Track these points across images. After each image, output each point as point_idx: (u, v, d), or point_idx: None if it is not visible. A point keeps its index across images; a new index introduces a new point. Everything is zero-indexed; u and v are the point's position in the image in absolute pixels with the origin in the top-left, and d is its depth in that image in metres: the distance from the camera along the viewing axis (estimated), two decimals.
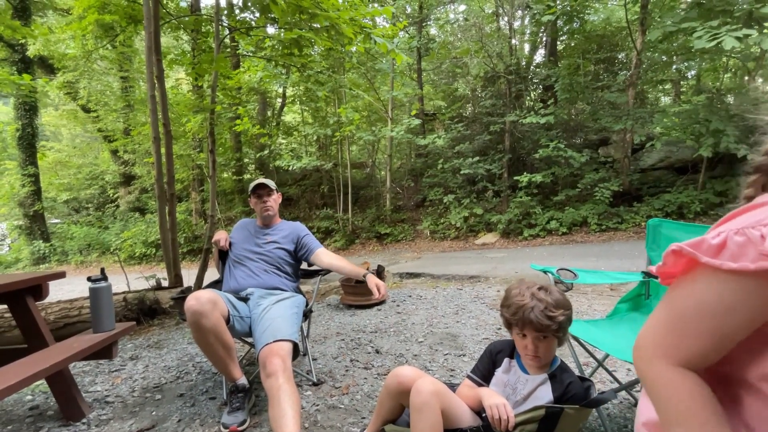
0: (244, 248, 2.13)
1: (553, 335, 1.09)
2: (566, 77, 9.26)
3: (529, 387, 1.14)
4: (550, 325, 1.06)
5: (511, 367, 1.20)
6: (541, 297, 1.09)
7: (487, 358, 1.27)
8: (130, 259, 11.86)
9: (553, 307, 1.07)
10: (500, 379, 1.21)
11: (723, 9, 5.92)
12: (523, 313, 1.09)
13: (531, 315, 1.07)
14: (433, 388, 1.09)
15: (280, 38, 4.51)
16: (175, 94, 9.86)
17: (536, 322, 1.07)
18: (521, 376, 1.17)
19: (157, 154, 3.82)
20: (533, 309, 1.08)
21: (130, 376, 2.27)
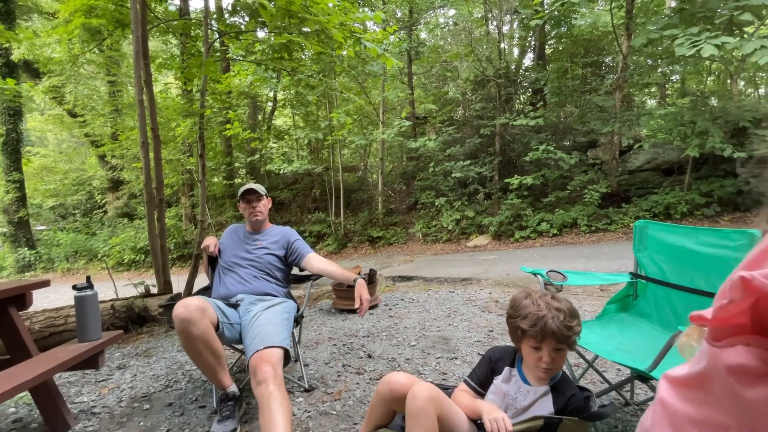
0: (234, 254, 2.11)
1: (569, 346, 1.07)
2: (555, 81, 9.38)
3: (530, 398, 1.11)
4: (570, 336, 1.05)
5: (511, 377, 1.18)
6: (558, 306, 1.07)
7: (485, 365, 1.25)
8: (118, 266, 11.66)
9: (570, 317, 1.06)
10: (500, 389, 1.18)
11: (704, 15, 6.07)
12: (544, 324, 1.05)
13: (552, 325, 1.04)
14: (429, 394, 1.08)
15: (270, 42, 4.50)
16: (163, 99, 9.75)
17: (558, 333, 1.04)
18: (522, 386, 1.14)
19: (145, 159, 3.77)
20: (554, 319, 1.05)
21: (117, 386, 2.22)
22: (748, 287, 0.35)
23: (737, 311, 0.38)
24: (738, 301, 0.37)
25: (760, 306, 0.36)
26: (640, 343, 1.57)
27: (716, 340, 0.39)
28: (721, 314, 0.39)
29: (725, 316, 0.38)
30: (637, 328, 1.72)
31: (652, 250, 1.79)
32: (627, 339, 1.63)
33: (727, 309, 0.38)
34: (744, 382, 0.39)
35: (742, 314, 0.37)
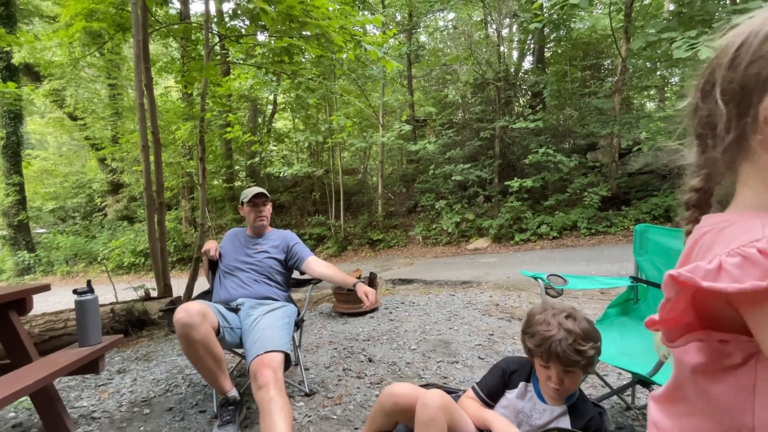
0: (235, 258, 2.11)
1: (586, 370, 1.02)
2: (554, 83, 9.42)
3: (546, 417, 1.07)
4: (579, 360, 0.98)
5: (527, 393, 1.13)
6: (570, 328, 0.99)
7: (498, 376, 1.19)
8: (118, 269, 11.65)
9: (582, 340, 0.98)
10: (513, 405, 1.14)
11: (702, 19, 6.10)
12: (550, 346, 1.00)
13: (558, 348, 0.98)
14: (440, 403, 1.04)
15: (271, 46, 4.52)
16: (164, 102, 9.79)
17: (563, 356, 0.99)
18: (538, 404, 1.10)
19: (145, 162, 3.78)
20: (561, 342, 0.99)
21: (117, 390, 2.21)
22: (677, 283, 0.36)
23: (679, 309, 0.38)
24: (673, 298, 0.38)
25: (698, 300, 0.37)
26: (641, 348, 1.57)
27: (670, 341, 0.40)
28: (664, 315, 0.39)
29: (669, 316, 0.39)
30: (638, 332, 1.72)
31: (652, 253, 1.79)
32: (628, 343, 1.63)
33: (667, 308, 0.38)
34: (709, 379, 0.39)
35: (685, 312, 0.38)
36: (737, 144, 0.39)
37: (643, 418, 1.62)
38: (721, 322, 0.37)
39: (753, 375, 0.35)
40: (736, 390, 0.37)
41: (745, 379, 0.36)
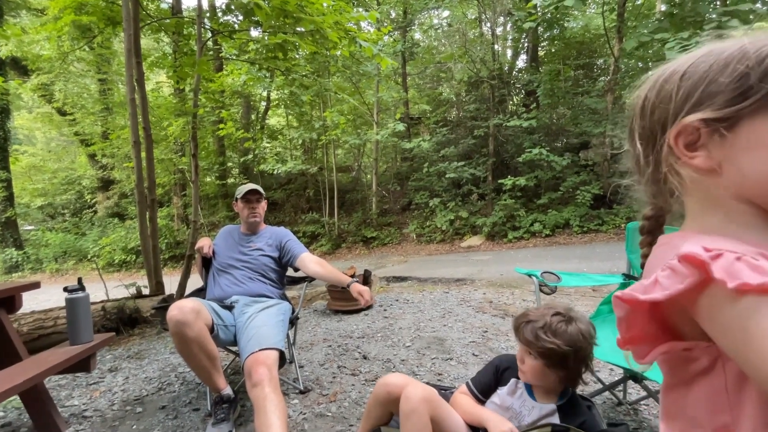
0: (229, 255, 2.10)
1: (540, 358, 1.04)
2: (548, 82, 9.47)
3: (534, 415, 1.09)
4: (534, 343, 1.03)
5: (517, 389, 1.15)
6: (547, 319, 1.04)
7: (491, 373, 1.22)
8: (108, 267, 11.51)
9: (549, 332, 1.02)
10: (504, 401, 1.15)
11: (694, 20, 6.17)
12: (520, 323, 1.08)
13: (524, 328, 1.06)
14: (422, 395, 1.07)
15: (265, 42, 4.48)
16: (155, 97, 9.65)
17: (522, 334, 1.06)
18: (527, 400, 1.12)
19: (137, 159, 3.73)
20: (529, 323, 1.06)
21: (109, 389, 2.19)
22: (622, 302, 0.39)
23: (639, 328, 0.41)
24: (624, 317, 0.41)
25: (657, 316, 0.40)
26: None
27: (640, 358, 0.42)
28: (623, 333, 0.42)
29: (628, 334, 0.42)
30: None
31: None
32: None
33: (623, 327, 0.42)
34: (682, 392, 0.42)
35: (647, 329, 0.41)
36: (654, 175, 0.46)
37: (634, 413, 1.65)
38: (682, 334, 0.40)
39: (723, 376, 0.37)
40: (711, 393, 0.38)
41: (716, 381, 0.38)
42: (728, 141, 0.39)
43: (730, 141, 0.39)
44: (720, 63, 0.39)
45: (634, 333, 0.41)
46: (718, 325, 0.35)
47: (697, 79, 0.40)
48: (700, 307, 0.36)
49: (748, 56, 0.38)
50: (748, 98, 0.37)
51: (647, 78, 0.46)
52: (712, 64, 0.40)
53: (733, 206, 0.41)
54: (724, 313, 0.34)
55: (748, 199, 0.40)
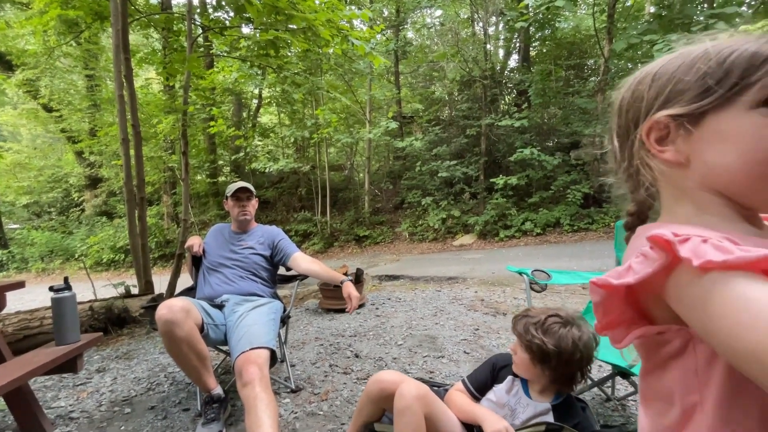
0: (219, 254, 2.08)
1: (528, 352, 1.07)
2: (539, 82, 9.54)
3: (529, 412, 1.10)
4: (522, 335, 1.08)
5: (513, 387, 1.16)
6: (542, 318, 1.07)
7: (488, 371, 1.23)
8: (96, 266, 11.33)
9: (540, 329, 1.06)
10: (500, 398, 1.16)
11: (682, 22, 6.27)
12: (518, 317, 1.13)
13: (519, 321, 1.11)
14: (416, 393, 1.07)
15: (256, 39, 4.43)
16: (145, 94, 9.51)
17: (516, 326, 1.10)
18: (523, 398, 1.13)
19: (126, 156, 3.67)
20: (525, 318, 1.10)
21: (96, 390, 2.16)
22: (598, 287, 0.42)
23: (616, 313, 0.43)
24: (600, 302, 0.43)
25: (632, 301, 0.42)
26: None
27: (617, 342, 0.44)
28: (600, 318, 0.44)
29: (605, 320, 0.44)
30: None
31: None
32: None
33: (600, 312, 0.43)
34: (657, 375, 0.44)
35: (623, 314, 0.43)
36: (629, 170, 0.49)
37: (622, 409, 1.67)
38: (656, 318, 0.42)
39: (694, 357, 0.40)
40: (683, 375, 0.41)
41: (688, 362, 0.40)
42: (694, 136, 0.42)
43: (695, 136, 0.42)
44: (687, 64, 0.43)
45: (611, 318, 0.43)
46: (685, 303, 0.37)
47: (666, 79, 0.44)
48: (669, 289, 0.38)
49: (710, 57, 0.41)
50: (711, 96, 0.40)
51: (626, 80, 0.50)
52: (680, 65, 0.43)
53: (702, 197, 0.43)
54: (690, 290, 0.36)
55: (715, 189, 0.42)
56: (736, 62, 0.40)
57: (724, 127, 0.40)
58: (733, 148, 0.40)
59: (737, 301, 0.32)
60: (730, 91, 0.40)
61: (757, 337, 0.30)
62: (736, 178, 0.41)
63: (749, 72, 0.39)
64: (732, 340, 0.32)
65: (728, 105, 0.40)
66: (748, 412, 0.37)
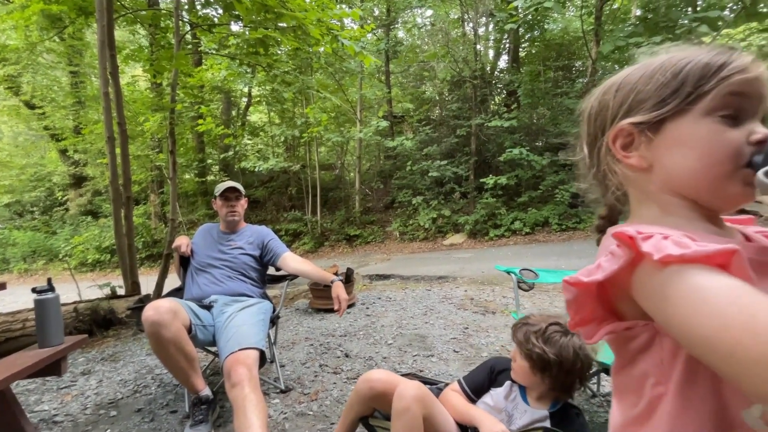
0: (208, 254, 2.06)
1: (526, 360, 1.07)
2: (528, 83, 9.63)
3: (526, 419, 1.10)
4: (523, 344, 1.08)
5: (512, 393, 1.16)
6: (543, 326, 1.07)
7: (486, 373, 1.23)
8: (81, 267, 11.11)
9: (540, 338, 1.06)
10: (497, 402, 1.16)
11: (666, 25, 6.40)
12: (518, 324, 1.13)
13: (520, 329, 1.11)
14: (416, 393, 1.06)
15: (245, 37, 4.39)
16: (131, 91, 9.34)
17: (516, 334, 1.11)
18: (520, 404, 1.13)
19: (111, 155, 3.61)
20: (526, 325, 1.10)
21: (81, 393, 2.12)
22: (570, 285, 0.44)
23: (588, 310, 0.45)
24: (572, 299, 0.44)
25: (603, 299, 0.44)
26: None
27: (589, 338, 0.46)
28: (572, 315, 0.46)
29: (577, 317, 0.46)
30: None
31: None
32: None
33: (572, 309, 0.45)
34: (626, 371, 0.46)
35: (595, 311, 0.45)
36: (597, 175, 0.52)
37: (607, 405, 1.70)
38: (626, 315, 0.44)
39: (660, 351, 0.42)
40: (650, 367, 0.43)
41: (655, 356, 0.42)
42: (655, 142, 0.45)
43: (656, 142, 0.45)
44: (647, 75, 0.45)
45: (583, 315, 0.45)
46: (648, 295, 0.39)
47: (629, 89, 0.47)
48: (634, 284, 0.40)
49: (667, 69, 0.44)
50: (668, 104, 0.43)
51: (594, 90, 0.53)
52: (642, 76, 0.46)
53: (665, 199, 0.46)
54: (651, 283, 0.38)
55: (676, 192, 0.45)
56: (690, 73, 0.42)
57: (682, 133, 0.43)
58: (690, 153, 0.43)
59: (693, 291, 0.34)
60: (686, 100, 0.42)
61: (710, 323, 0.32)
62: (694, 181, 0.43)
63: (702, 82, 0.42)
64: (688, 327, 0.34)
65: (685, 113, 0.43)
66: (704, 398, 0.39)
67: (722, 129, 0.41)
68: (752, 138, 0.41)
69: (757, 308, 0.30)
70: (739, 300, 0.32)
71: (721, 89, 0.41)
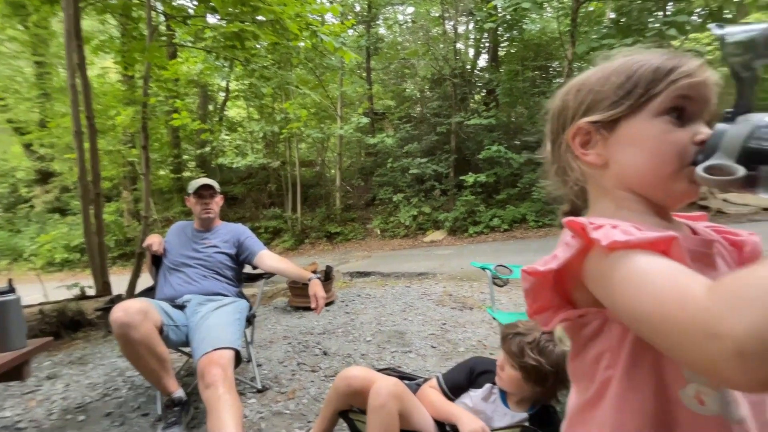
0: (181, 253, 2.01)
1: (520, 371, 1.07)
2: (507, 82, 9.78)
3: (505, 421, 1.11)
4: (518, 356, 1.06)
5: (492, 395, 1.17)
6: (536, 335, 1.07)
7: (466, 373, 1.23)
8: (49, 266, 10.63)
9: (536, 350, 1.05)
10: (476, 404, 1.17)
11: (638, 28, 6.62)
12: (509, 334, 1.10)
13: (512, 340, 1.08)
14: (392, 390, 1.07)
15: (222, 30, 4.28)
16: (101, 84, 8.98)
17: (508, 344, 1.09)
18: (500, 407, 1.14)
19: (79, 150, 3.47)
20: (518, 336, 1.08)
21: (47, 398, 2.04)
22: (527, 274, 0.46)
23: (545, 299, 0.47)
24: (529, 289, 0.46)
25: (559, 288, 0.46)
26: None
27: (545, 325, 0.48)
28: (529, 304, 0.48)
29: (535, 305, 0.47)
30: None
31: None
32: None
33: (530, 298, 0.47)
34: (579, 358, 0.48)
35: (552, 300, 0.47)
36: (558, 171, 0.55)
37: None
38: (579, 303, 0.47)
39: (610, 336, 0.44)
40: (601, 352, 0.45)
41: (605, 341, 0.45)
42: (611, 140, 0.48)
43: (612, 140, 0.47)
44: (603, 77, 0.48)
45: (540, 304, 0.47)
46: (596, 279, 0.41)
47: (588, 90, 0.49)
48: (585, 270, 0.42)
49: (621, 71, 0.46)
50: (622, 105, 0.46)
51: (557, 92, 0.55)
52: (599, 78, 0.49)
53: (619, 195, 0.48)
54: (599, 268, 0.40)
55: (629, 188, 0.47)
56: (642, 76, 0.45)
57: (634, 132, 0.46)
58: (641, 151, 0.45)
59: (635, 272, 0.36)
60: (638, 101, 0.45)
61: (649, 300, 0.34)
62: (644, 178, 0.46)
63: (653, 84, 0.44)
64: (631, 306, 0.36)
65: (637, 113, 0.45)
66: (647, 380, 0.42)
67: (670, 129, 0.44)
68: (696, 138, 0.43)
69: (688, 283, 0.33)
70: (673, 278, 0.34)
71: (670, 92, 0.43)
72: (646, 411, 0.42)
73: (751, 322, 0.26)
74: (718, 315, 0.28)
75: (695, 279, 0.33)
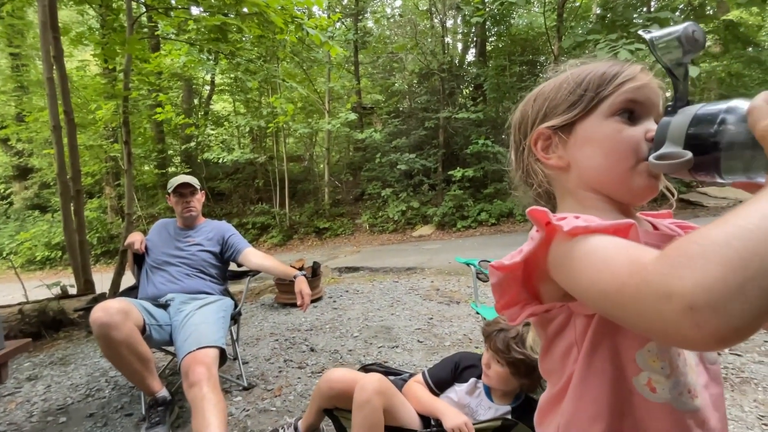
0: (164, 252, 1.98)
1: (508, 366, 1.08)
2: (494, 77, 9.82)
3: (489, 415, 1.13)
4: (504, 352, 1.07)
5: (476, 389, 1.18)
6: (519, 329, 1.07)
7: (450, 369, 1.24)
8: (29, 265, 10.38)
9: (519, 343, 1.06)
10: (461, 398, 1.19)
11: (622, 24, 6.70)
12: (492, 331, 1.11)
13: (496, 336, 1.09)
14: (376, 386, 1.08)
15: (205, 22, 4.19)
16: (80, 77, 8.72)
17: (493, 341, 1.09)
18: (484, 401, 1.16)
19: (58, 145, 3.38)
20: (501, 332, 1.09)
21: (27, 400, 2.00)
22: (494, 269, 0.47)
23: (513, 293, 0.47)
24: (496, 283, 0.47)
25: (528, 283, 0.47)
26: None
27: (513, 320, 0.49)
28: (498, 298, 0.49)
29: (503, 300, 0.48)
30: None
31: None
32: None
33: (498, 293, 0.48)
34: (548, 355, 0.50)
35: (520, 295, 0.48)
36: (522, 176, 0.57)
37: None
38: (546, 298, 0.48)
39: (573, 330, 0.46)
40: (567, 346, 0.47)
41: (570, 335, 0.46)
42: (569, 143, 0.50)
43: (570, 143, 0.50)
44: (557, 85, 0.52)
45: (508, 299, 0.48)
46: (559, 265, 0.42)
47: (544, 98, 0.53)
48: (550, 261, 0.43)
49: (571, 80, 0.50)
50: (575, 109, 0.49)
51: (518, 103, 0.58)
52: (552, 87, 0.53)
53: (581, 194, 0.51)
54: (561, 252, 0.41)
55: (590, 187, 0.50)
56: (590, 81, 0.48)
57: (589, 132, 0.49)
58: (597, 151, 0.48)
59: (592, 250, 0.38)
60: (589, 104, 0.48)
61: (605, 275, 0.35)
62: (603, 176, 0.48)
63: (601, 89, 0.48)
64: (589, 283, 0.37)
65: (590, 115, 0.49)
66: (604, 368, 0.44)
67: (622, 128, 0.47)
68: (648, 135, 0.46)
69: (639, 253, 0.34)
70: (625, 250, 0.35)
71: (618, 95, 0.47)
72: (603, 399, 0.44)
73: (697, 276, 0.27)
74: (667, 274, 0.29)
75: (647, 249, 0.34)
